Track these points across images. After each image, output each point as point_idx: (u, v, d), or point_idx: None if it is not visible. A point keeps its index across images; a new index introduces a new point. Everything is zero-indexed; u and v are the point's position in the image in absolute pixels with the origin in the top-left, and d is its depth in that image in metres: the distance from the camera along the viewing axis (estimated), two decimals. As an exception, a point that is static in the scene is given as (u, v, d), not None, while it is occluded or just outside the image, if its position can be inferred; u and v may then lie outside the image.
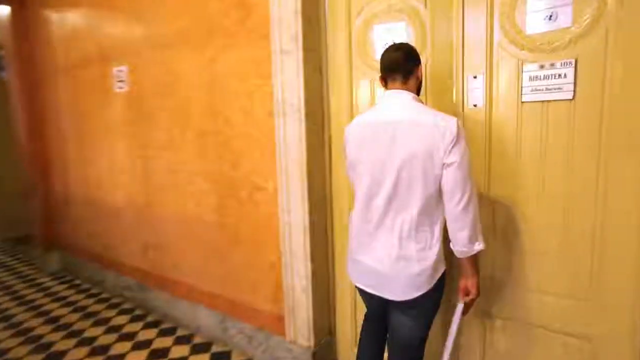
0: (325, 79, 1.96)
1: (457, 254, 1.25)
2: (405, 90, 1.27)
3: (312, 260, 1.97)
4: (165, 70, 2.44)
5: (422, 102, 1.31)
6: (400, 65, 1.27)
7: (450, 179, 1.16)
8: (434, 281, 1.26)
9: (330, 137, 2.00)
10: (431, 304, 1.33)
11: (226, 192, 2.25)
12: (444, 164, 1.16)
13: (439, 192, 1.21)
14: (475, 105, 1.57)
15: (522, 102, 1.47)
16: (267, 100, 2.00)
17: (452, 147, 1.15)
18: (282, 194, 2.00)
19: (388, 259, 1.25)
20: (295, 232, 1.99)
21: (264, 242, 2.14)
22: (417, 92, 1.34)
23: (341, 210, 2.01)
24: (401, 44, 1.33)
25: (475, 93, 1.56)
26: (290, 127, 1.92)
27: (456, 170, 1.15)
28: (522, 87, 1.47)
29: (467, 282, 1.29)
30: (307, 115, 1.88)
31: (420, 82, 1.36)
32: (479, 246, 1.21)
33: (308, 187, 1.92)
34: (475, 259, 1.27)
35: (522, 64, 1.46)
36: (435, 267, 1.25)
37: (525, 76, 1.45)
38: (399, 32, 1.71)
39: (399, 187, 1.21)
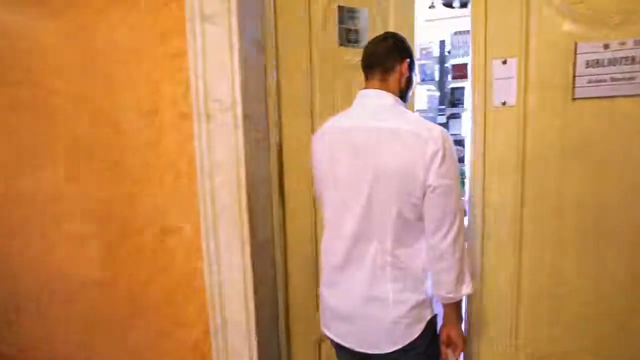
0: (272, 64, 1.32)
1: (440, 300, 1.05)
2: (385, 90, 1.05)
3: (260, 339, 1.30)
4: (9, 44, 1.56)
5: (405, 107, 1.07)
6: (379, 59, 1.06)
7: (436, 207, 0.97)
8: (418, 332, 1.04)
9: (281, 149, 1.36)
10: (420, 358, 1.07)
11: (119, 236, 1.47)
12: (427, 186, 0.96)
13: (420, 219, 1.00)
14: (504, 103, 1.08)
15: (574, 99, 1.02)
16: (179, 95, 1.30)
17: (439, 165, 0.95)
18: (208, 239, 1.30)
19: (356, 300, 1.06)
20: (230, 297, 1.31)
21: (182, 312, 1.42)
22: (404, 95, 1.10)
23: (300, 258, 1.39)
24: (388, 33, 1.13)
25: (504, 85, 1.07)
26: (218, 134, 1.25)
27: (443, 196, 0.96)
28: (575, 76, 1.02)
29: (451, 331, 1.07)
30: (245, 116, 1.23)
31: (409, 83, 1.10)
32: (467, 289, 1.03)
33: (250, 227, 1.27)
34: (459, 303, 1.07)
35: (575, 43, 1.00)
36: (417, 313, 1.04)
37: (581, 61, 1.00)
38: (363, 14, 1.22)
39: (371, 210, 1.02)
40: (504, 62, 1.06)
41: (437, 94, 3.71)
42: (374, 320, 1.05)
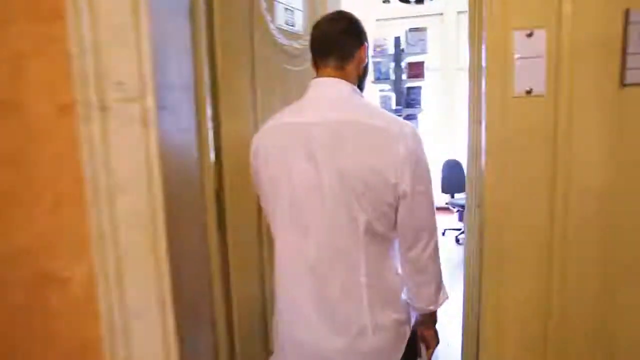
0: (202, 36, 0.93)
1: (418, 311, 1.03)
2: (343, 78, 0.95)
3: None
4: None
5: (364, 98, 1.00)
6: (335, 43, 0.96)
7: (413, 217, 0.91)
8: (400, 354, 0.99)
9: (219, 155, 0.99)
10: None
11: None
12: (401, 193, 0.87)
13: (391, 229, 0.93)
14: (529, 92, 0.81)
15: (625, 85, 0.76)
16: (56, 77, 0.87)
17: (414, 168, 0.87)
18: (110, 295, 0.88)
19: (327, 332, 0.93)
20: (145, 378, 0.89)
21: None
22: (360, 84, 1.02)
23: (250, 311, 1.04)
24: (340, 12, 1.04)
25: (529, 67, 0.79)
26: (119, 135, 0.85)
27: (420, 204, 0.90)
28: (625, 54, 0.76)
29: (426, 332, 1.07)
30: (162, 108, 0.83)
31: (365, 70, 1.03)
32: (443, 297, 1.01)
33: (172, 275, 0.87)
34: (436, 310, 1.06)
35: (627, 10, 0.74)
36: (398, 334, 0.98)
37: (634, 32, 0.75)
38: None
39: (336, 224, 0.90)
40: (530, 35, 0.78)
41: (392, 94, 3.51)
42: (352, 353, 0.95)
